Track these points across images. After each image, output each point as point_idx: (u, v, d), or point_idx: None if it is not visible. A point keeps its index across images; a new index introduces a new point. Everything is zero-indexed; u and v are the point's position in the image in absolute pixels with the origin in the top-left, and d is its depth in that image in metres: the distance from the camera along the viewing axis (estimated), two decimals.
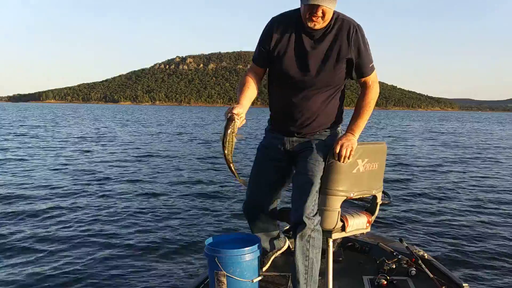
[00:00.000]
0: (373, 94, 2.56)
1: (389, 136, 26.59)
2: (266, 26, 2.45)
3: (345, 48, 2.35)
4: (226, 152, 2.34)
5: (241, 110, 2.27)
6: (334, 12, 2.30)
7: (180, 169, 11.53)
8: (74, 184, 8.80)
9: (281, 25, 2.39)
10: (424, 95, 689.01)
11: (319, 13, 2.19)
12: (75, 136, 21.96)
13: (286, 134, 2.61)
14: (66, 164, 11.64)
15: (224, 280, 2.67)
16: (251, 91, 2.48)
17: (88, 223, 6.14)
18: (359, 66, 2.44)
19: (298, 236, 2.49)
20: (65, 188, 8.35)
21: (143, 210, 6.96)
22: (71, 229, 5.83)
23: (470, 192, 8.90)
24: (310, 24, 2.26)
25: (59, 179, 9.37)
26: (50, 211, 6.63)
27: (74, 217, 6.42)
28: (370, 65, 2.48)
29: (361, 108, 2.57)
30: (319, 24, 2.26)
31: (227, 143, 2.30)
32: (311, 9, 2.19)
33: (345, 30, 2.34)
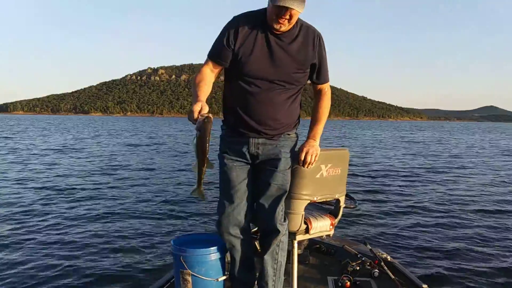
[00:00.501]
0: (329, 100, 2.70)
1: (362, 146, 27.04)
2: (228, 24, 2.40)
3: (311, 54, 2.46)
4: (207, 157, 2.22)
5: (208, 108, 2.20)
6: (298, 19, 2.36)
7: (148, 175, 11.52)
8: (37, 195, 8.68)
9: (247, 24, 2.37)
10: (394, 105, 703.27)
11: (287, 16, 2.21)
12: (41, 148, 21.53)
13: (252, 135, 2.52)
14: (30, 178, 11.43)
15: (189, 278, 2.71)
16: (208, 88, 2.40)
17: (55, 228, 6.17)
18: (320, 72, 2.57)
19: (271, 242, 2.62)
20: (26, 199, 8.20)
21: (110, 214, 7.07)
22: (36, 235, 5.77)
23: (433, 197, 9.24)
24: (276, 26, 2.28)
25: (22, 190, 9.20)
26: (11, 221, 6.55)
27: (38, 224, 6.37)
28: (327, 74, 2.62)
29: (320, 114, 2.68)
30: (284, 26, 2.29)
31: (207, 146, 2.18)
32: (279, 11, 2.20)
33: (311, 37, 2.44)
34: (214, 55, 2.44)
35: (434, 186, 10.68)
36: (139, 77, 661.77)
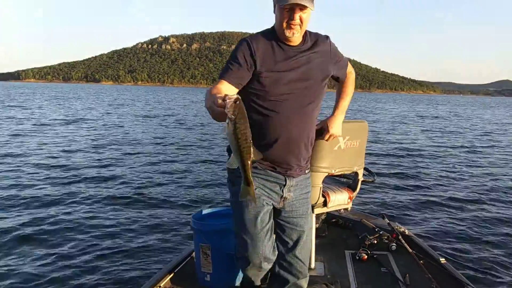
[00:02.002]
0: (353, 76, 2.58)
1: (381, 121, 26.76)
2: (242, 45, 2.15)
3: (329, 64, 2.31)
4: (250, 144, 1.73)
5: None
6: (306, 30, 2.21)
7: (163, 150, 11.55)
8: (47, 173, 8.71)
9: (260, 43, 2.15)
10: (407, 78, 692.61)
11: (297, 17, 2.05)
12: (53, 118, 21.65)
13: (289, 173, 2.28)
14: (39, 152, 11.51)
15: (209, 252, 2.72)
16: None
17: (79, 208, 6.17)
18: (339, 74, 2.45)
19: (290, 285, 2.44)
20: (33, 177, 8.02)
21: (128, 191, 7.03)
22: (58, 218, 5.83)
23: (454, 175, 9.11)
24: (288, 34, 2.09)
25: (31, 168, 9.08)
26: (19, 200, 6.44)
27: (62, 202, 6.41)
28: (346, 63, 2.48)
29: (346, 90, 2.55)
30: (298, 32, 2.11)
31: (249, 131, 1.71)
32: (289, 13, 2.05)
33: (323, 45, 2.28)
34: (232, 76, 2.11)
35: (457, 165, 10.49)
36: (150, 46, 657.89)
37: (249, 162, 1.75)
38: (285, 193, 2.28)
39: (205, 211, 3.08)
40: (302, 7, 2.03)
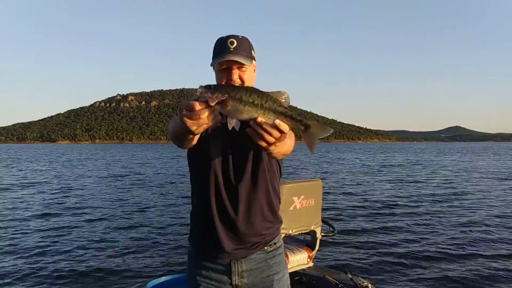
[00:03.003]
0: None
1: (341, 171, 27.12)
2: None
3: None
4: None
5: None
6: None
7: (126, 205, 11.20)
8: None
9: None
10: (363, 127, 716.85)
11: (235, 78, 1.85)
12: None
13: (232, 255, 1.94)
14: None
15: None
16: None
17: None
18: None
19: None
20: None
21: (78, 263, 6.71)
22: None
23: (420, 227, 8.95)
24: None
25: None
26: None
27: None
28: None
29: None
30: None
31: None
32: (226, 74, 1.86)
33: None
34: None
35: (423, 216, 10.33)
36: (108, 104, 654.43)
37: None
38: (234, 280, 1.93)
39: (161, 279, 2.98)
40: (240, 65, 1.85)
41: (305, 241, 3.25)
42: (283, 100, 1.38)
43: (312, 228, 2.99)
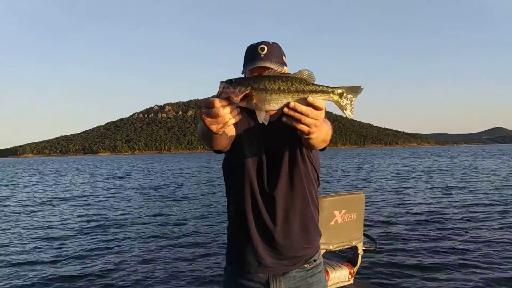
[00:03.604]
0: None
1: (381, 178, 26.51)
2: None
3: None
4: None
5: None
6: None
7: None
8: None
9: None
10: (401, 131, 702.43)
11: None
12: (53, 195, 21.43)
13: (270, 270, 1.86)
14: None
15: None
16: None
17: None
18: None
19: None
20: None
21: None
22: None
23: (462, 235, 8.49)
24: None
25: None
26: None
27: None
28: None
29: None
30: None
31: None
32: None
33: None
34: None
35: (470, 222, 9.71)
36: (146, 115, 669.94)
37: None
38: None
39: None
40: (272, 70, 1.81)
41: (346, 256, 3.14)
42: (308, 78, 1.32)
43: (354, 243, 2.88)
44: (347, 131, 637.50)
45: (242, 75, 1.89)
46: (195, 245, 8.23)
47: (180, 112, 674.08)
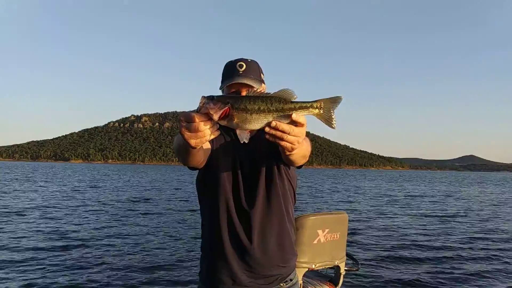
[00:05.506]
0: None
1: (358, 199, 26.68)
2: None
3: None
4: None
5: None
6: None
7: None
8: None
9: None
10: (376, 154, 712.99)
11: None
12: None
13: None
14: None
15: None
16: None
17: None
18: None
19: None
20: None
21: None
22: None
23: (440, 257, 8.57)
24: None
25: None
26: None
27: None
28: None
29: None
30: None
31: None
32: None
33: None
34: None
35: (450, 245, 9.82)
36: (122, 124, 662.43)
37: None
38: None
39: None
40: (249, 88, 1.80)
41: (328, 276, 3.12)
42: (288, 96, 1.33)
43: (336, 263, 2.86)
44: (323, 151, 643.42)
45: (220, 91, 1.90)
46: (164, 265, 7.64)
47: (157, 124, 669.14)
